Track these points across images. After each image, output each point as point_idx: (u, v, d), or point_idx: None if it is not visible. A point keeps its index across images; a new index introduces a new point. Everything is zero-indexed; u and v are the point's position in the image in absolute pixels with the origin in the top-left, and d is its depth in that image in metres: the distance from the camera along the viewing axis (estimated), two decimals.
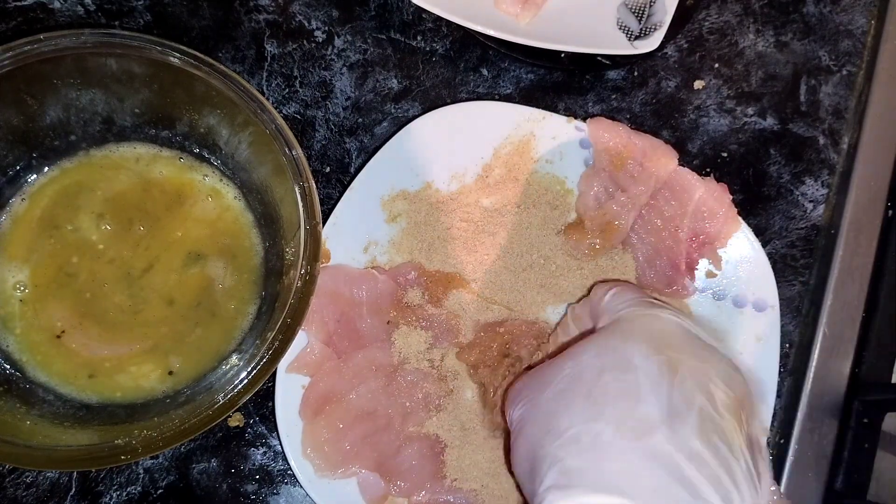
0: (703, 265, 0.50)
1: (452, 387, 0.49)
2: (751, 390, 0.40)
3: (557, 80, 0.53)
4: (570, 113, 0.53)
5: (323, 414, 0.46)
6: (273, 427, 0.48)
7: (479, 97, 0.53)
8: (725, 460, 0.35)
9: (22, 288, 0.43)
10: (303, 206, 0.40)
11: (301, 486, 0.47)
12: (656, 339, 0.39)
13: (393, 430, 0.47)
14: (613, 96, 0.54)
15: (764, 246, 0.51)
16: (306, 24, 0.52)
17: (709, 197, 0.49)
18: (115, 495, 0.47)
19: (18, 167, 0.44)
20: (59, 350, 0.43)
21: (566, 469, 0.36)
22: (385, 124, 0.52)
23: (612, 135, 0.49)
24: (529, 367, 0.48)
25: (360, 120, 0.52)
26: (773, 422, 0.51)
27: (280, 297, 0.41)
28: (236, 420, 0.49)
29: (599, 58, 0.52)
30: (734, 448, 0.36)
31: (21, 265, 0.44)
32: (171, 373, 0.44)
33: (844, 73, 0.55)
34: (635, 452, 0.35)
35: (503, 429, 0.48)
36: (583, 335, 0.46)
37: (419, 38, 0.53)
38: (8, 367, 0.43)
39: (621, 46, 0.49)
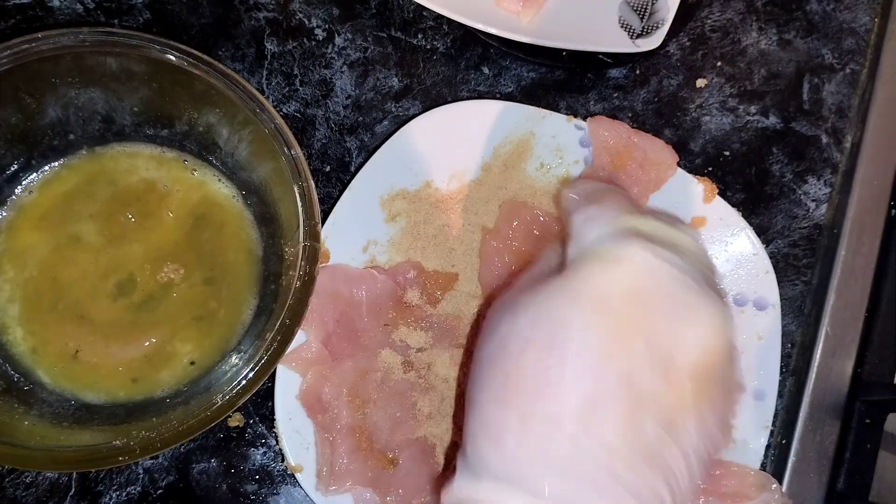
0: None
1: (442, 393, 0.48)
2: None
3: (559, 79, 0.53)
4: (571, 111, 0.53)
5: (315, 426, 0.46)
6: (273, 426, 0.48)
7: (481, 95, 0.53)
8: (652, 448, 0.33)
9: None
10: (302, 206, 0.39)
11: (301, 487, 0.47)
12: (614, 296, 0.35)
13: (382, 442, 0.46)
14: (615, 94, 0.53)
15: (766, 245, 0.51)
16: (306, 23, 0.52)
17: None
18: (114, 495, 0.47)
19: (17, 166, 0.44)
20: (83, 367, 0.43)
21: (475, 449, 0.36)
22: (385, 123, 0.52)
23: (613, 134, 0.49)
24: None
25: (361, 118, 0.52)
26: (774, 422, 0.51)
27: (279, 298, 0.41)
28: (236, 420, 0.48)
29: (601, 56, 0.52)
30: (676, 430, 0.33)
31: (19, 267, 0.44)
32: (192, 363, 0.44)
33: (848, 71, 0.55)
34: (537, 443, 0.33)
35: None
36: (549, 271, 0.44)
37: (420, 36, 0.53)
38: (12, 371, 0.43)
39: (623, 44, 0.49)
